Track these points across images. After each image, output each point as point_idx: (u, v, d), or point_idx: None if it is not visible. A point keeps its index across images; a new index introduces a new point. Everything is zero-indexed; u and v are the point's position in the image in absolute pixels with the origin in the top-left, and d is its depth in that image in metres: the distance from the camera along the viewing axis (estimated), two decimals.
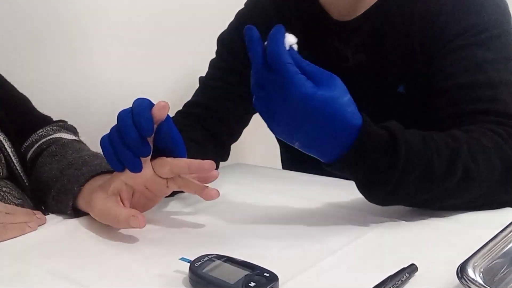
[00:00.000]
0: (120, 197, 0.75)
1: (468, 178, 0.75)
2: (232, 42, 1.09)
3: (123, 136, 0.71)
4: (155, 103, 0.73)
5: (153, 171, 0.75)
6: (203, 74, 1.11)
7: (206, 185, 0.75)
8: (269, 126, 0.73)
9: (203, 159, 0.81)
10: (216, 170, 0.75)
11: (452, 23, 0.90)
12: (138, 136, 0.71)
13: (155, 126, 0.73)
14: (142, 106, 0.72)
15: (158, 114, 0.72)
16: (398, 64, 0.96)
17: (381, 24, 0.96)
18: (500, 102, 0.84)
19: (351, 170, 0.74)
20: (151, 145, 0.73)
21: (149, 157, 0.74)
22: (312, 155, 0.73)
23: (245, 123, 1.11)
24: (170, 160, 0.74)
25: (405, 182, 0.72)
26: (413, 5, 0.94)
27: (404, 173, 0.71)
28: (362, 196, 0.84)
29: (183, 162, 0.74)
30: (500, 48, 0.88)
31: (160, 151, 0.75)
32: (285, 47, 0.69)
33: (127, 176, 0.74)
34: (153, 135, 0.73)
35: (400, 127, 0.74)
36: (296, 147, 0.73)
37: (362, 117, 0.71)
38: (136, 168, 0.73)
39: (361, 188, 0.75)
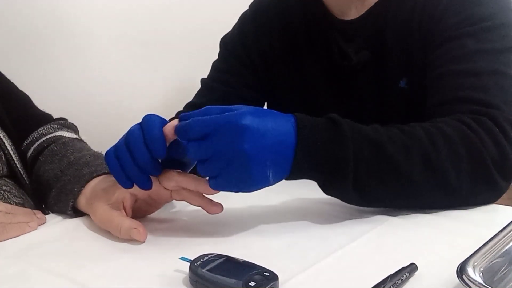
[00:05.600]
0: (123, 204, 0.75)
1: (428, 164, 0.74)
2: (234, 45, 1.10)
3: (135, 157, 0.70)
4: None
5: (158, 182, 0.74)
6: (205, 75, 1.12)
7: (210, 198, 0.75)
8: (245, 188, 0.70)
9: None
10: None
11: (448, 15, 0.90)
12: (150, 158, 0.70)
13: (167, 144, 0.71)
14: (154, 126, 0.70)
15: (172, 135, 0.71)
16: (400, 59, 0.96)
17: (383, 21, 0.97)
18: (483, 90, 0.83)
19: (308, 168, 0.71)
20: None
21: None
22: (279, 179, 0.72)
23: None
24: (177, 174, 0.74)
25: (361, 161, 0.71)
26: (413, 1, 0.94)
27: (355, 147, 0.70)
28: None
29: (191, 180, 0.73)
30: (493, 40, 0.87)
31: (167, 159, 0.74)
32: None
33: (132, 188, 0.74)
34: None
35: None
36: (270, 181, 0.70)
37: (293, 115, 0.70)
38: (147, 186, 0.72)
39: (327, 184, 0.74)
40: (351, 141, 0.71)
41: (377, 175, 0.73)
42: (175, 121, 0.71)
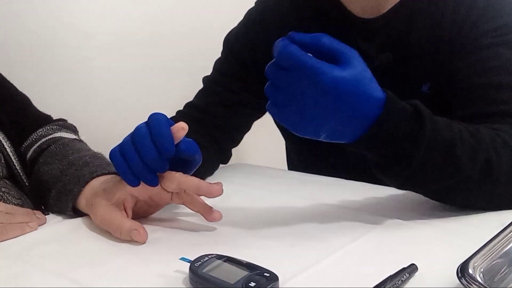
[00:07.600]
0: (123, 205, 0.75)
1: (489, 170, 0.74)
2: (238, 45, 1.06)
3: (143, 155, 0.70)
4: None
5: (159, 184, 0.74)
6: (208, 73, 1.09)
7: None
8: (293, 130, 0.69)
9: (204, 162, 0.81)
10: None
11: (482, 22, 0.88)
12: (158, 155, 0.70)
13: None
14: (162, 124, 0.71)
15: (177, 136, 0.71)
16: (424, 62, 0.93)
17: (409, 21, 0.93)
18: None
19: (376, 145, 0.71)
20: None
21: None
22: (334, 142, 0.71)
23: (246, 129, 1.09)
24: (178, 176, 0.73)
25: (427, 160, 0.70)
26: (443, 2, 0.91)
27: (428, 149, 0.70)
28: (362, 196, 0.84)
29: (192, 182, 0.73)
30: None
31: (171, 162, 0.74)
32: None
33: (133, 188, 0.74)
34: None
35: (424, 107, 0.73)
36: (322, 139, 0.70)
37: (385, 91, 0.70)
38: (154, 183, 0.72)
39: (382, 166, 0.73)
40: (426, 142, 0.70)
41: (438, 173, 0.72)
42: (183, 123, 0.72)
